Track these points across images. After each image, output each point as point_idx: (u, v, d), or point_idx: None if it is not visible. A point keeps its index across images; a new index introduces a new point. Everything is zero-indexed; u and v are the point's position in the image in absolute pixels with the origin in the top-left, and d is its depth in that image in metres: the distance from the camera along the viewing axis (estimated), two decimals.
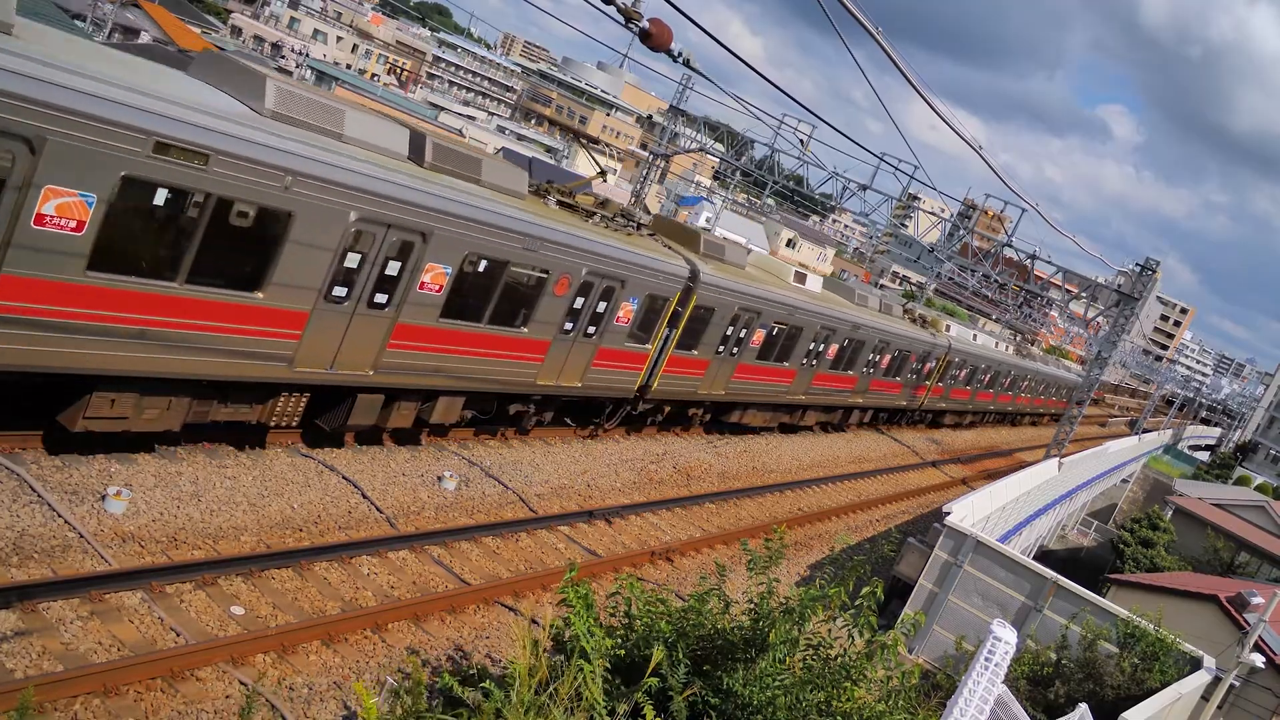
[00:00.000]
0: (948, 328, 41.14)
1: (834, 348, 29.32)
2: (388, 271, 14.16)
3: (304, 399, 14.47)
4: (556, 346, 18.31)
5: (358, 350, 14.44)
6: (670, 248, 21.36)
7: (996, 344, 50.14)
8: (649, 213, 31.74)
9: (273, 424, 14.33)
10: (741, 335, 24.21)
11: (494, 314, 16.49)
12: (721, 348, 23.71)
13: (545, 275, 17.06)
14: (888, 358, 33.83)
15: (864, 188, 46.16)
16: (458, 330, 15.92)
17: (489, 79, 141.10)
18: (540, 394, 18.94)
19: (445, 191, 14.51)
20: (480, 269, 15.72)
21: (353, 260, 13.55)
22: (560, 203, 18.40)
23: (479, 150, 17.00)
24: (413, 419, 16.44)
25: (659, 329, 21.06)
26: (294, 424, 14.69)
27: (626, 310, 19.63)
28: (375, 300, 14.26)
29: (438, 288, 15.01)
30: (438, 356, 15.79)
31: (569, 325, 18.37)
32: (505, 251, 15.91)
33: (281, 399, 14.13)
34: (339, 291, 13.71)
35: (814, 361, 28.64)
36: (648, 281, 19.79)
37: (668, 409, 23.98)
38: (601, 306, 18.94)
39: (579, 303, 18.25)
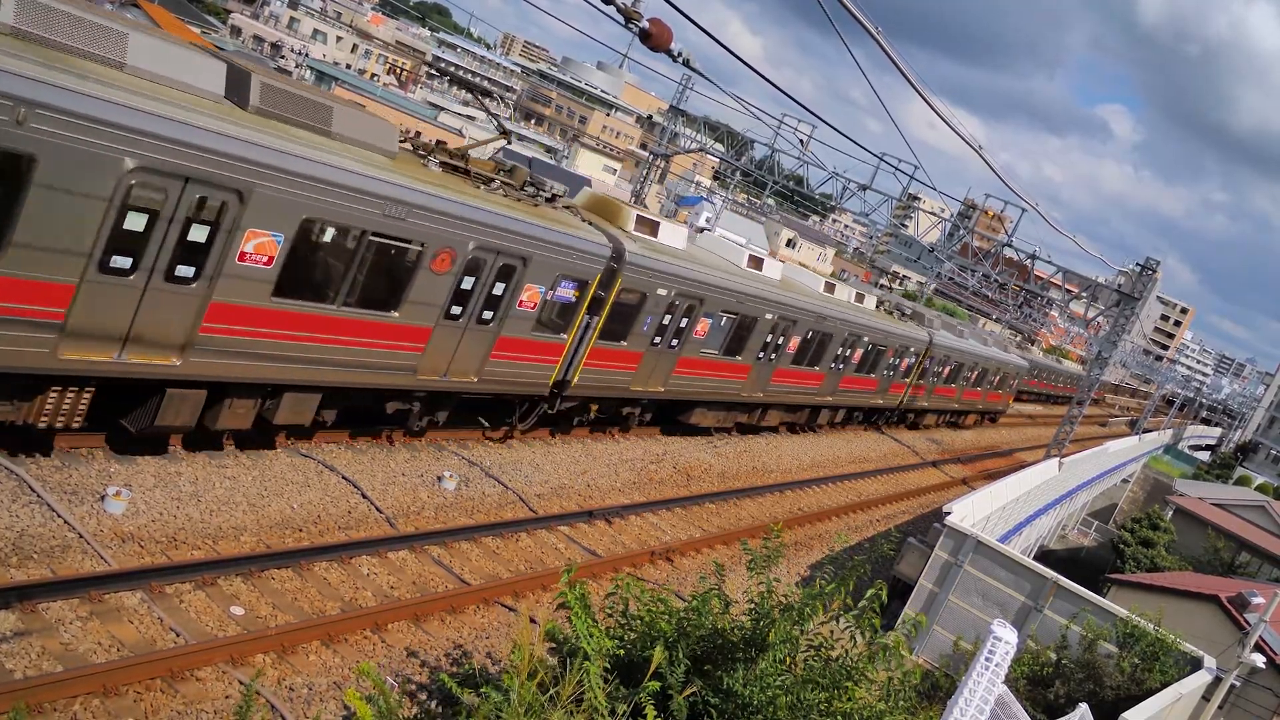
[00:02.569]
0: (931, 321, 39.23)
1: (795, 340, 26.57)
2: (191, 237, 11.60)
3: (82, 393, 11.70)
4: (440, 334, 15.72)
5: (156, 332, 11.82)
6: (591, 223, 18.68)
7: (987, 340, 48.95)
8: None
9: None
10: (682, 325, 21.58)
11: (350, 294, 13.90)
12: (658, 339, 21.08)
13: (420, 249, 14.46)
14: (859, 352, 31.32)
15: (864, 188, 46.16)
16: (298, 312, 13.31)
17: (489, 79, 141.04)
18: (424, 390, 16.41)
19: (272, 142, 11.92)
20: (326, 239, 13.14)
21: (136, 222, 10.94)
22: (446, 165, 15.78)
23: (331, 96, 14.34)
24: (251, 419, 13.75)
25: (577, 316, 18.44)
26: (71, 424, 11.88)
27: (532, 293, 17.00)
28: (177, 274, 11.70)
29: (265, 259, 12.45)
30: (271, 344, 13.19)
31: (455, 309, 15.75)
32: (360, 219, 13.24)
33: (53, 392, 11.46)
34: (120, 262, 11.09)
35: (772, 356, 26.02)
36: (558, 261, 17.19)
37: (595, 408, 21.30)
38: (499, 289, 16.32)
39: (467, 283, 15.67)
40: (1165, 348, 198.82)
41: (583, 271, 17.92)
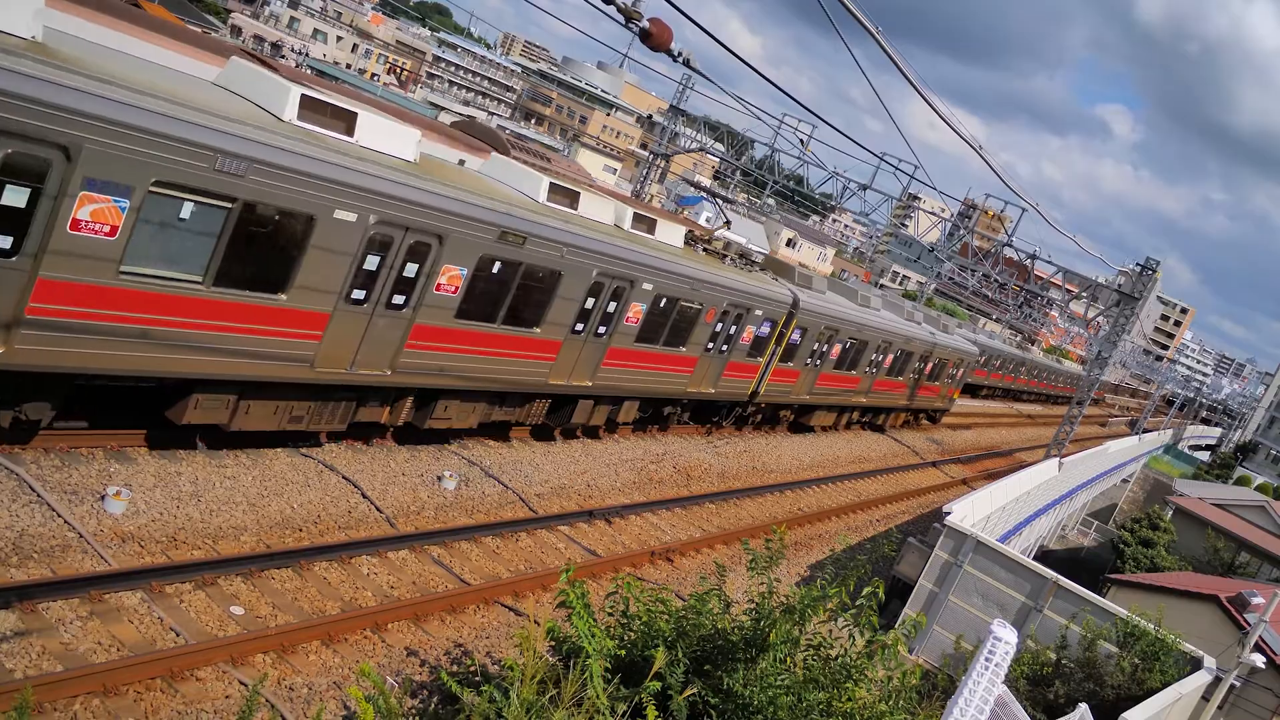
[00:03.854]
0: (807, 280, 28.19)
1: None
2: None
3: None
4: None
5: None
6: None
7: (913, 314, 37.79)
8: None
9: None
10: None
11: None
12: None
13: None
14: (637, 308, 19.90)
15: (864, 188, 46.20)
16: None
17: (489, 79, 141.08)
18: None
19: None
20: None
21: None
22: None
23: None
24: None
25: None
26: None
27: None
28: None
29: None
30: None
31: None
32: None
33: None
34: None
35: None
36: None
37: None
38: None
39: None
40: (1165, 348, 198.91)
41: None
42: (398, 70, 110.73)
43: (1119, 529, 38.34)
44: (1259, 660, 17.93)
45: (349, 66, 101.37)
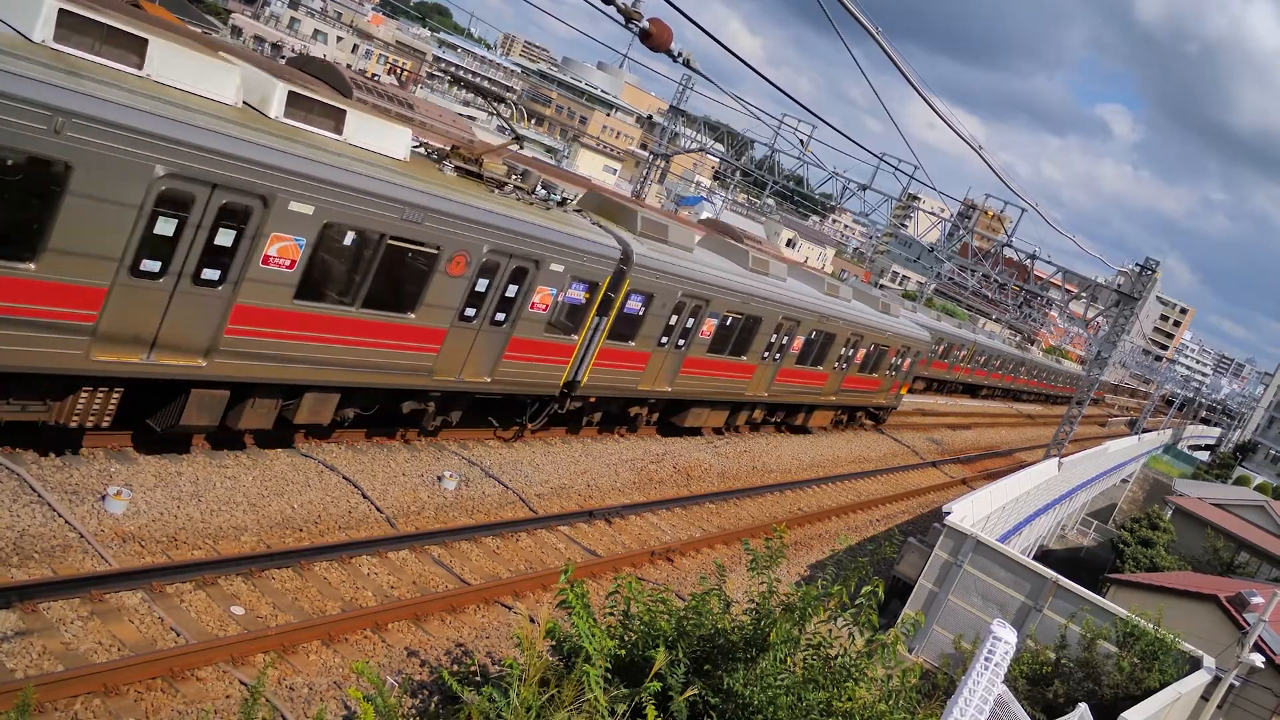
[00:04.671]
0: (660, 230, 20.77)
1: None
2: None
3: None
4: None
5: None
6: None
7: (838, 289, 30.47)
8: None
9: None
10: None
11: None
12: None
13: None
14: (288, 246, 13.35)
15: (864, 188, 46.22)
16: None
17: (489, 79, 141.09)
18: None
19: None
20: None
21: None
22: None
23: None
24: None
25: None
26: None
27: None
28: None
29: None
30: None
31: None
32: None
33: None
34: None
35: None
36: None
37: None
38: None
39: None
40: (1165, 348, 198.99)
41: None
42: (398, 70, 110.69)
43: (1119, 529, 38.38)
44: (1258, 660, 17.95)
45: (349, 67, 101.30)
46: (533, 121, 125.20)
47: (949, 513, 19.26)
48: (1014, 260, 52.95)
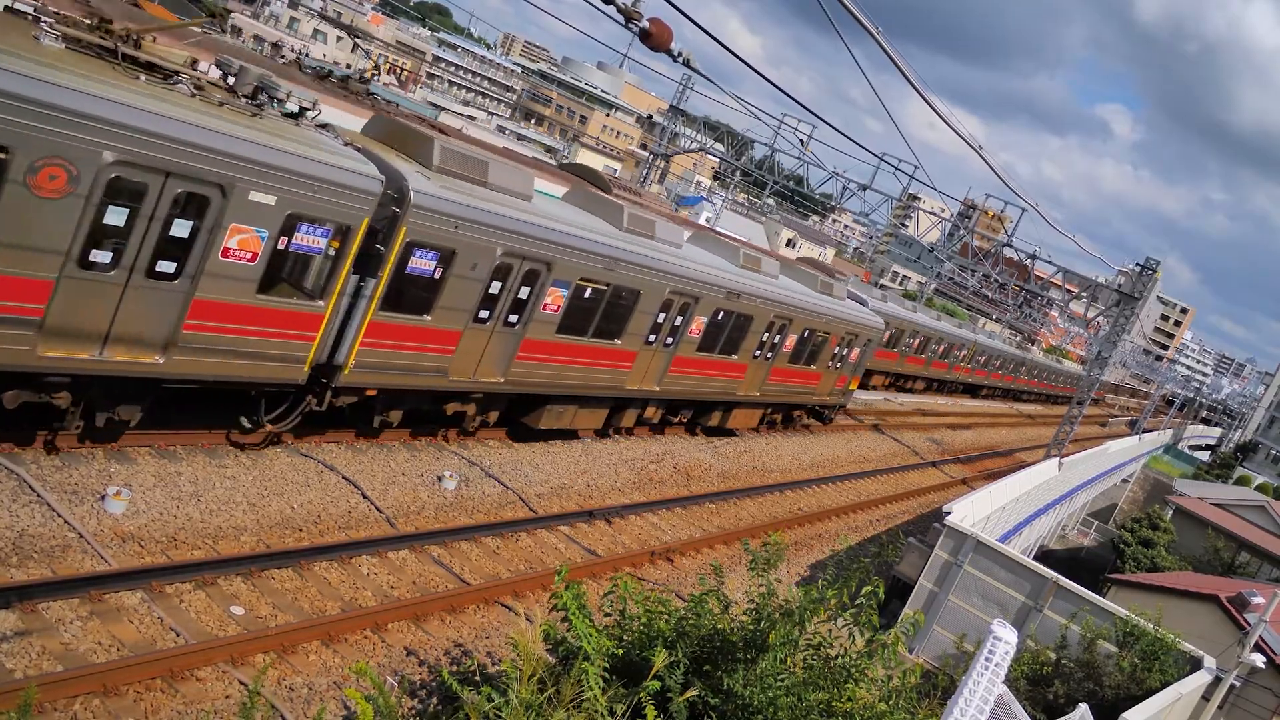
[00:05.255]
0: (476, 170, 15.83)
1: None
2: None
3: None
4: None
5: None
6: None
7: (756, 261, 24.82)
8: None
9: None
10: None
11: None
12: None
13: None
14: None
15: (864, 188, 46.24)
16: None
17: (489, 79, 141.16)
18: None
19: None
20: None
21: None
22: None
23: None
24: None
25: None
26: None
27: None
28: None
29: None
30: None
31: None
32: None
33: None
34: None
35: None
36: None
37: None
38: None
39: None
40: (1165, 348, 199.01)
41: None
42: (397, 70, 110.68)
43: (1119, 529, 38.39)
44: (1259, 660, 17.95)
45: (348, 67, 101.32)
46: (532, 121, 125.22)
47: (949, 513, 19.26)
48: (1014, 260, 52.96)
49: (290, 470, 14.43)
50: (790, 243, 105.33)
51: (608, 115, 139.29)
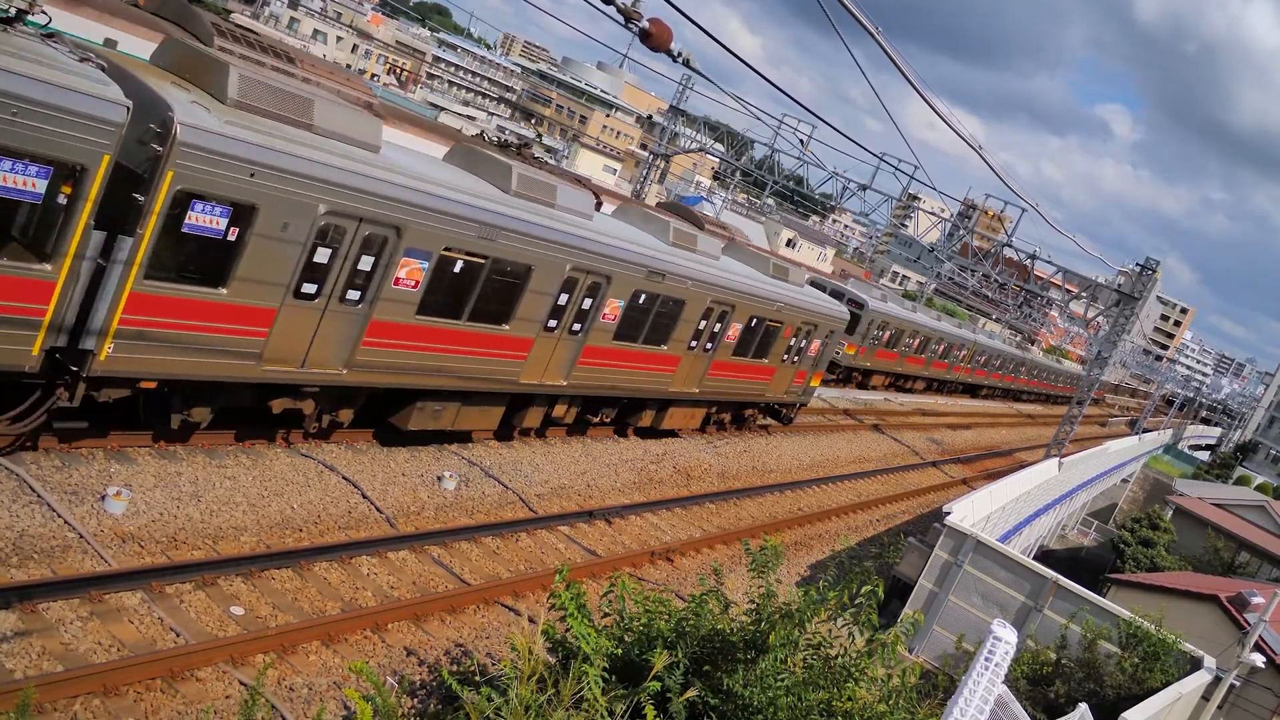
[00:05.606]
0: (242, 95, 12.10)
1: None
2: None
3: None
4: None
5: None
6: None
7: (687, 237, 21.54)
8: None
9: None
10: None
11: None
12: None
13: None
14: None
15: (864, 188, 46.24)
16: None
17: (489, 79, 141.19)
18: None
19: None
20: None
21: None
22: None
23: None
24: None
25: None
26: None
27: None
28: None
29: None
30: None
31: None
32: None
33: None
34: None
35: None
36: None
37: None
38: None
39: None
40: (1165, 348, 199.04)
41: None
42: (397, 71, 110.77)
43: (1119, 529, 38.40)
44: (1259, 660, 17.95)
45: (349, 67, 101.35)
46: (532, 121, 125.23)
47: (949, 513, 19.26)
48: (1014, 260, 52.96)
49: (290, 470, 14.44)
50: (790, 243, 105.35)
51: (608, 115, 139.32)
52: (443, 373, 16.06)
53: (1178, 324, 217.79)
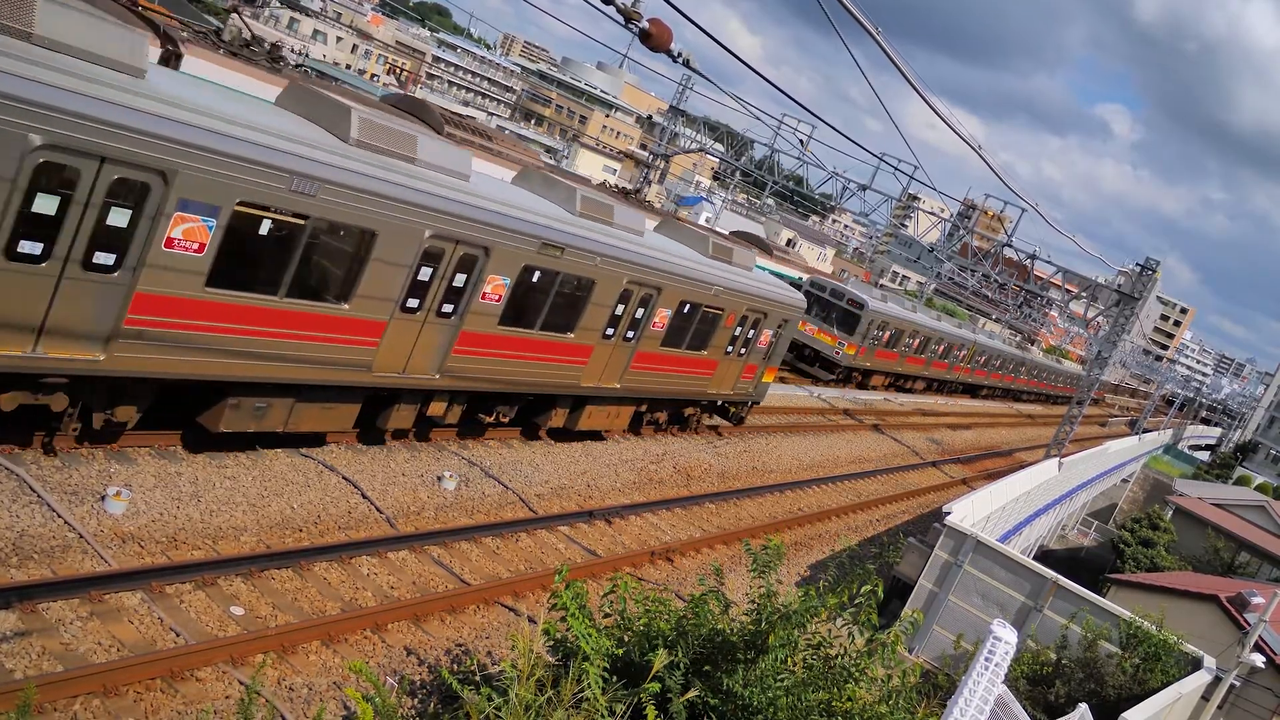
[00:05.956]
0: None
1: None
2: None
3: None
4: None
5: None
6: None
7: (600, 207, 18.52)
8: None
9: None
10: None
11: None
12: None
13: None
14: None
15: (864, 188, 46.25)
16: None
17: (489, 79, 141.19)
18: None
19: None
20: None
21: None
22: None
23: None
24: None
25: None
26: None
27: None
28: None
29: None
30: None
31: None
32: None
33: None
34: None
35: None
36: None
37: None
38: None
39: None
40: (1165, 348, 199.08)
41: None
42: (397, 71, 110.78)
43: (1119, 529, 38.41)
44: (1259, 660, 17.96)
45: (349, 67, 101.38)
46: (532, 121, 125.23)
47: (949, 513, 19.26)
48: (1014, 260, 52.97)
49: (290, 470, 14.44)
50: (790, 243, 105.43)
51: (607, 115, 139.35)
52: (254, 359, 13.02)
53: (1178, 324, 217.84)
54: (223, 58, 19.59)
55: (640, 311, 19.83)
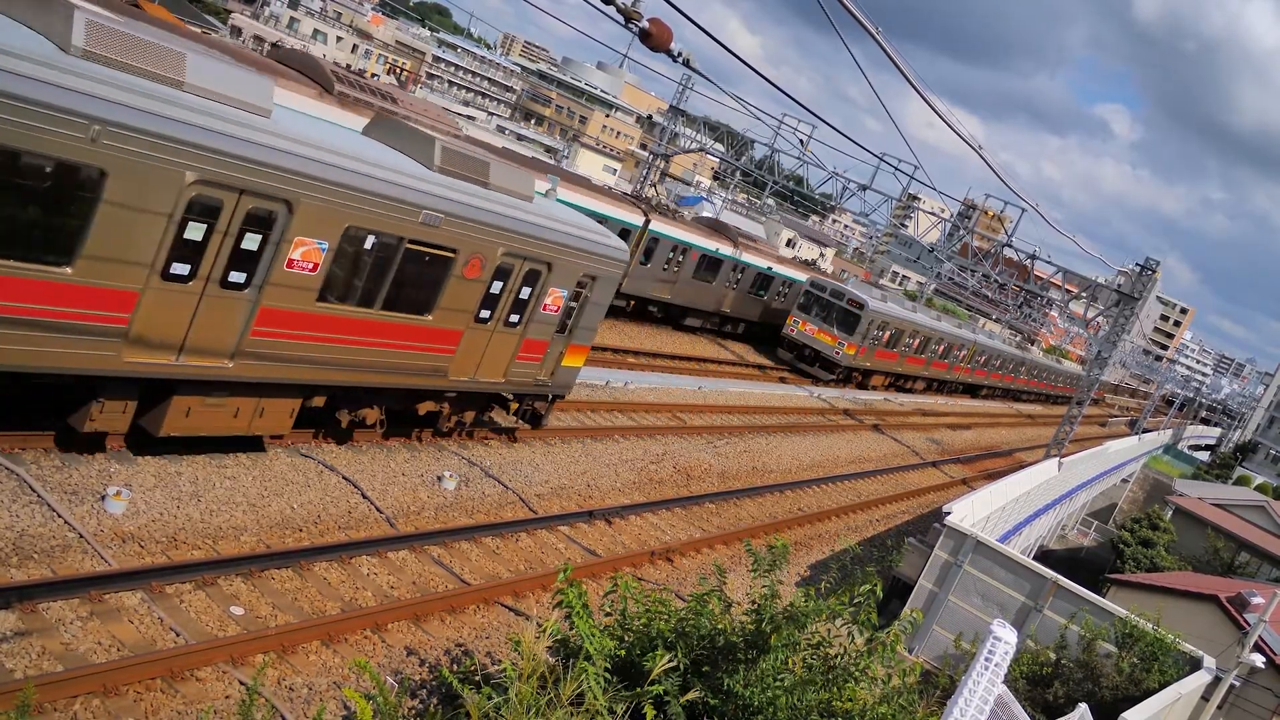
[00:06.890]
0: None
1: None
2: None
3: None
4: None
5: None
6: None
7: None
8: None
9: None
10: None
11: None
12: None
13: None
14: None
15: (864, 188, 46.22)
16: None
17: (489, 79, 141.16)
18: None
19: None
20: None
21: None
22: None
23: None
24: None
25: None
26: None
27: None
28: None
29: None
30: None
31: None
32: None
33: None
34: None
35: None
36: None
37: None
38: None
39: None
40: (1165, 348, 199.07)
41: None
42: (397, 71, 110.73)
43: (1119, 529, 38.41)
44: (1258, 660, 17.96)
45: (349, 67, 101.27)
46: (532, 121, 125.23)
47: (949, 513, 19.27)
48: (1014, 260, 52.98)
49: (290, 470, 14.44)
50: (790, 243, 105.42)
51: (608, 115, 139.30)
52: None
53: (1177, 324, 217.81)
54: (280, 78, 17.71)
55: (269, 244, 12.22)
